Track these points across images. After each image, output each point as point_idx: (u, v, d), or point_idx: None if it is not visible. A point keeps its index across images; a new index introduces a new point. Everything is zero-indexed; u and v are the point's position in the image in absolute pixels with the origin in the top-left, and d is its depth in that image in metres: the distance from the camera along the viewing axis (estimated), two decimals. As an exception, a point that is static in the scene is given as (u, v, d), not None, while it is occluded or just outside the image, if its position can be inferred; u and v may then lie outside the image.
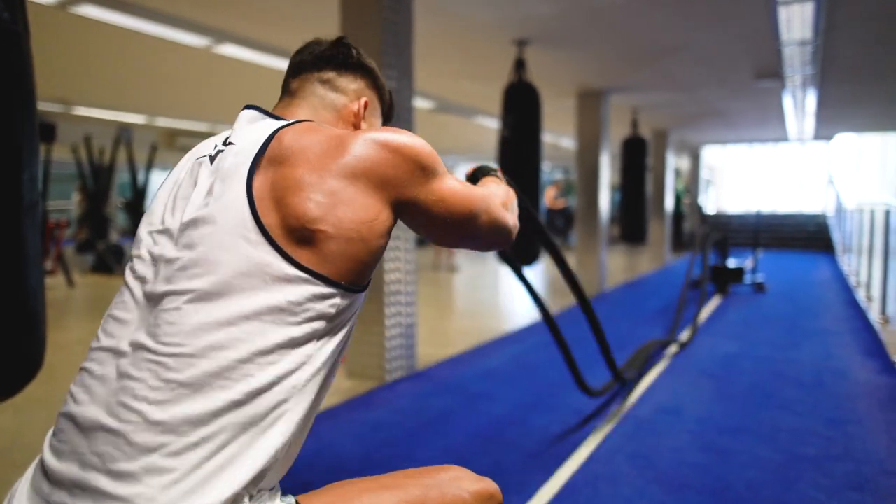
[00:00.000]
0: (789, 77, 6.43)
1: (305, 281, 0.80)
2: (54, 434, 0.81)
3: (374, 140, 0.87)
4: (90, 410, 0.77)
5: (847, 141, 13.35)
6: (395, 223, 0.90)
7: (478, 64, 5.81)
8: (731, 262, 7.32)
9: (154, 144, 9.74)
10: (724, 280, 7.05)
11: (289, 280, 0.80)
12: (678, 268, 8.45)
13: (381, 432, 2.87)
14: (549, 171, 19.07)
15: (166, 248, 0.84)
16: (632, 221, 8.81)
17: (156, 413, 0.74)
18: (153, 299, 0.81)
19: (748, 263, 8.55)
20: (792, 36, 4.98)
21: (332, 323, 0.84)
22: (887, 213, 5.44)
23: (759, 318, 5.78)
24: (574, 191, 17.54)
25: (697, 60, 5.73)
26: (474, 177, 1.30)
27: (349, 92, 1.03)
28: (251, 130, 0.91)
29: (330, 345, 0.85)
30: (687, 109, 8.64)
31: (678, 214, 13.33)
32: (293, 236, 0.80)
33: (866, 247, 6.81)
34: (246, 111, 0.96)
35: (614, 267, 10.30)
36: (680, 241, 13.11)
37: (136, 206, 9.62)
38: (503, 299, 7.13)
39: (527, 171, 5.33)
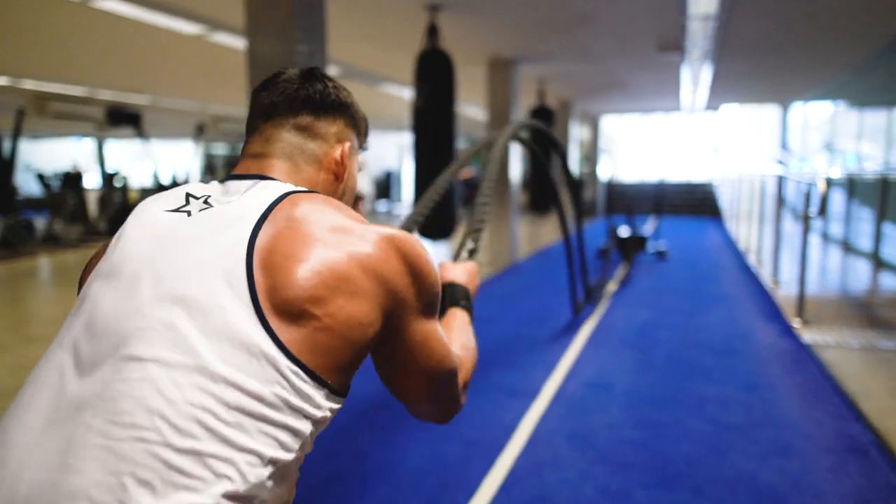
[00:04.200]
0: (690, 51, 6.65)
1: (287, 368, 0.67)
2: None
3: (399, 248, 0.78)
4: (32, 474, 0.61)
5: (731, 111, 14.18)
6: (375, 346, 0.79)
7: (387, 28, 5.56)
8: (635, 231, 7.58)
9: (21, 109, 8.72)
10: (629, 249, 7.29)
11: (271, 364, 0.66)
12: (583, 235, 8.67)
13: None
14: (453, 139, 19.02)
15: (120, 301, 0.70)
16: (539, 191, 8.92)
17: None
18: (97, 366, 0.66)
19: (648, 230, 8.90)
20: (697, 10, 5.10)
21: (311, 429, 0.70)
22: (780, 180, 5.77)
23: (665, 285, 6.02)
24: (480, 160, 17.64)
25: (606, 31, 5.77)
26: (444, 290, 1.13)
27: (329, 137, 0.92)
28: (251, 190, 0.80)
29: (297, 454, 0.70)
30: (592, 80, 8.78)
31: (580, 183, 13.71)
32: (280, 311, 0.68)
33: (756, 213, 7.25)
34: (235, 181, 0.84)
35: (522, 236, 10.43)
36: (581, 210, 13.51)
37: (1, 177, 8.61)
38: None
39: (442, 143, 5.20)
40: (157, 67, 7.34)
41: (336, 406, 0.73)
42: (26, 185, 15.00)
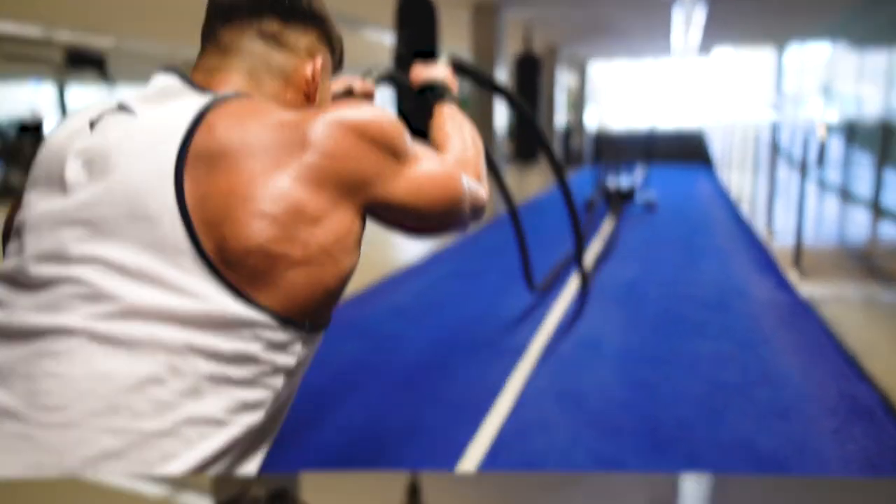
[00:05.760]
0: (683, -11, 6.32)
1: (258, 324, 0.61)
2: None
3: (338, 124, 0.67)
4: None
5: (723, 55, 13.80)
6: (364, 228, 0.72)
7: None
8: (623, 182, 7.37)
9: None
10: (617, 200, 7.09)
11: (235, 323, 0.60)
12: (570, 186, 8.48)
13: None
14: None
15: (38, 259, 0.62)
16: (526, 140, 8.67)
17: None
18: (22, 337, 0.59)
19: (637, 181, 8.71)
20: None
21: (287, 379, 0.67)
22: (774, 127, 5.56)
23: (655, 238, 5.85)
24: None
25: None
26: (424, 91, 1.08)
27: (299, 50, 0.78)
28: (163, 106, 0.67)
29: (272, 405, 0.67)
30: (579, 23, 8.42)
31: (566, 132, 13.42)
32: (236, 266, 0.61)
33: (750, 161, 7.06)
34: (162, 77, 0.71)
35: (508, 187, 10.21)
36: (569, 158, 13.30)
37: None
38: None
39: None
40: (120, 3, 6.86)
41: (308, 349, 0.71)
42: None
